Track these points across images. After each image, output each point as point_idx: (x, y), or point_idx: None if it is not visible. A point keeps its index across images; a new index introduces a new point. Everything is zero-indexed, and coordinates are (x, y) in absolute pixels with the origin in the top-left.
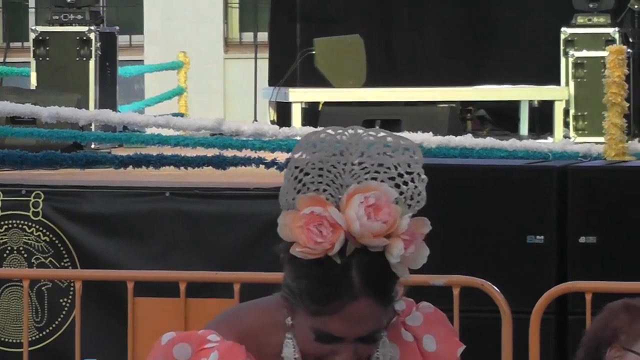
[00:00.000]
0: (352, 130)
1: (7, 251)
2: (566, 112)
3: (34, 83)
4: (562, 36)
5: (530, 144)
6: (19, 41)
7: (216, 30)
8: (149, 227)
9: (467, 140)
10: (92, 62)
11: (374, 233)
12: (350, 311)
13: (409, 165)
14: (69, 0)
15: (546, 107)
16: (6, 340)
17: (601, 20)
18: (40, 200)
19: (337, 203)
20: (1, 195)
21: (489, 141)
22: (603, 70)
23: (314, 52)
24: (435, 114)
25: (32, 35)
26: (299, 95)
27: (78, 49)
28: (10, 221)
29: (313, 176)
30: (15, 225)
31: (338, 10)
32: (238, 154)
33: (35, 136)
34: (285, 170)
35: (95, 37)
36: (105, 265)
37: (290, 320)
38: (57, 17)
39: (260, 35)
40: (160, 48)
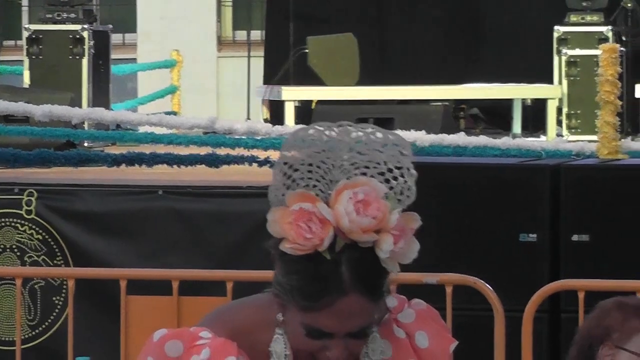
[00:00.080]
0: (341, 126)
1: (0, 249)
2: (559, 111)
3: (27, 81)
4: (555, 34)
5: (523, 142)
6: (12, 39)
7: (209, 28)
8: (142, 226)
9: (460, 138)
10: (86, 61)
11: (363, 228)
12: (340, 307)
13: (398, 161)
14: None
15: (539, 106)
16: None
17: (594, 18)
18: (33, 199)
19: (327, 199)
20: None
21: (482, 139)
22: (596, 68)
23: (307, 51)
24: (429, 113)
25: (25, 34)
26: (292, 94)
27: (71, 47)
28: (3, 219)
29: (302, 172)
30: (8, 223)
31: (331, 9)
32: (231, 152)
33: (28, 134)
34: (274, 166)
35: (89, 36)
36: (98, 264)
37: (281, 317)
38: (51, 16)
39: (254, 34)
40: (153, 46)
